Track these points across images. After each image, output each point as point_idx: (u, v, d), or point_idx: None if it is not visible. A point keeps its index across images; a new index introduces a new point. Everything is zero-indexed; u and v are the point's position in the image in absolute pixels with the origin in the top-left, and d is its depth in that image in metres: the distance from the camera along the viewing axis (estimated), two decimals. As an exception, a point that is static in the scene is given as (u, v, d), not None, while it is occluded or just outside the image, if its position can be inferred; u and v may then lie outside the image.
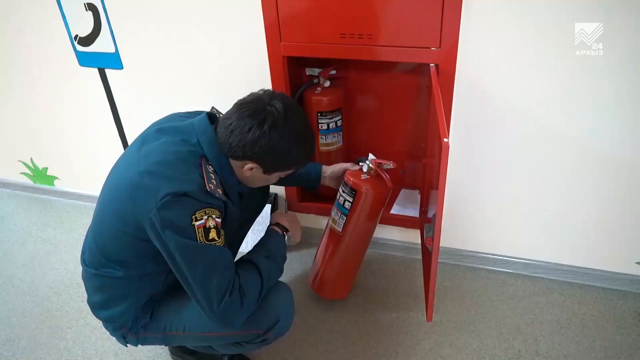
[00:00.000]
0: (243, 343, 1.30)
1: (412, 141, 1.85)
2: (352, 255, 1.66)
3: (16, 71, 2.16)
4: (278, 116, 1.12)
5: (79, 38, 1.92)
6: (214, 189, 1.11)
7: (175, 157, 1.12)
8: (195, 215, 1.06)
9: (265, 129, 1.11)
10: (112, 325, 1.30)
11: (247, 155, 1.14)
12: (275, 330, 1.27)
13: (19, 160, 2.54)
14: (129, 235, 1.15)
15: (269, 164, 1.18)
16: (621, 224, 1.62)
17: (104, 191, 1.23)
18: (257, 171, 1.20)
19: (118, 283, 1.24)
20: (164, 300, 1.32)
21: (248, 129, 1.11)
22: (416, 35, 1.42)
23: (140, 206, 1.08)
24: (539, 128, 1.51)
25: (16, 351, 1.72)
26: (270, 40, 1.59)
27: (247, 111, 1.13)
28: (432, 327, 1.67)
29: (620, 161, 1.50)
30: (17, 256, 2.20)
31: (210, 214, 1.09)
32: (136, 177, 1.10)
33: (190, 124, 1.19)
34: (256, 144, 1.12)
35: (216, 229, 1.10)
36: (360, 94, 1.83)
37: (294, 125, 1.15)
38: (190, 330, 1.28)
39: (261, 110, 1.12)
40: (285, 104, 1.15)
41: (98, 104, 2.09)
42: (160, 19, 1.75)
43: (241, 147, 1.13)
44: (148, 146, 1.16)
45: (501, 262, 1.86)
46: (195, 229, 1.07)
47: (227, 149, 1.16)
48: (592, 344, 1.58)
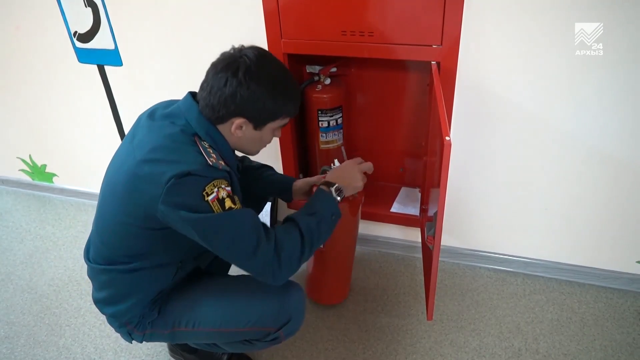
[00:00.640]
0: (253, 341, 1.30)
1: (412, 139, 1.85)
2: (341, 264, 1.68)
3: (15, 68, 2.15)
4: (251, 63, 1.10)
5: (78, 34, 1.91)
6: (215, 162, 1.09)
7: (169, 139, 1.11)
8: (205, 191, 1.05)
9: (240, 77, 1.09)
10: (117, 321, 1.29)
11: (230, 111, 1.12)
12: (286, 329, 1.27)
13: (18, 157, 2.53)
14: (137, 227, 1.14)
15: (255, 115, 1.15)
16: (621, 223, 1.62)
17: (104, 187, 1.22)
18: (248, 128, 1.17)
19: (126, 278, 1.22)
20: (173, 296, 1.31)
21: (224, 82, 1.10)
22: (417, 33, 1.42)
23: (146, 196, 1.07)
24: (539, 127, 1.51)
25: (15, 348, 1.71)
26: (271, 37, 1.58)
27: (220, 66, 1.12)
28: (432, 326, 1.67)
29: (620, 160, 1.50)
30: (15, 253, 2.19)
31: (219, 185, 1.07)
32: (134, 168, 1.09)
33: (176, 107, 1.18)
34: (235, 95, 1.10)
35: (230, 197, 1.08)
36: (361, 92, 1.83)
37: (269, 70, 1.13)
38: (200, 326, 1.27)
39: (233, 61, 1.11)
40: (257, 51, 1.13)
41: (97, 100, 2.08)
42: (160, 16, 1.74)
43: (222, 103, 1.11)
44: (139, 136, 1.15)
45: (501, 260, 1.86)
46: (209, 203, 1.05)
47: (211, 113, 1.14)
48: (592, 342, 1.58)
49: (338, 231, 1.53)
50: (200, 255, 1.34)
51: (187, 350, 1.57)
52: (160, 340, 1.38)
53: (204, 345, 1.43)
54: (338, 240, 1.58)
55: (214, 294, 1.31)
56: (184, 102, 1.18)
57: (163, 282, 1.28)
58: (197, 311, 1.27)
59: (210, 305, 1.28)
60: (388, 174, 1.98)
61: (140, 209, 1.10)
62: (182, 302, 1.30)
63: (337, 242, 1.58)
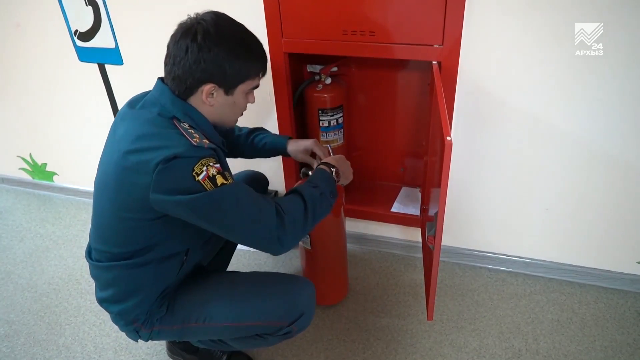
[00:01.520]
0: (265, 335, 1.29)
1: (413, 139, 1.85)
2: (332, 265, 1.68)
3: (16, 66, 2.15)
4: (208, 25, 1.08)
5: (79, 33, 1.91)
6: (199, 141, 1.08)
7: (150, 126, 1.10)
8: (194, 171, 1.04)
9: (200, 41, 1.07)
10: (123, 319, 1.27)
11: (196, 78, 1.10)
12: (298, 323, 1.27)
13: (18, 156, 2.53)
14: (136, 220, 1.13)
15: (223, 78, 1.12)
16: (622, 224, 1.62)
17: (97, 184, 1.21)
18: (219, 94, 1.14)
19: (132, 274, 1.21)
20: (181, 292, 1.30)
21: (185, 50, 1.08)
22: (419, 33, 1.42)
23: (137, 187, 1.06)
24: (539, 127, 1.51)
25: (15, 347, 1.71)
26: (272, 36, 1.58)
27: (178, 35, 1.10)
28: (432, 326, 1.67)
29: (621, 160, 1.50)
30: (15, 252, 2.19)
31: (206, 164, 1.06)
32: (121, 161, 1.08)
33: (150, 95, 1.18)
34: (199, 61, 1.08)
35: (220, 174, 1.07)
36: (362, 92, 1.83)
37: (229, 31, 1.11)
38: (213, 320, 1.26)
39: (190, 27, 1.10)
40: (214, 14, 1.12)
41: (98, 99, 2.08)
42: (161, 14, 1.74)
43: (187, 72, 1.09)
44: (121, 129, 1.15)
45: (502, 260, 1.86)
46: (201, 183, 1.04)
47: (179, 85, 1.12)
48: (592, 343, 1.58)
49: (324, 232, 1.54)
50: (205, 243, 1.33)
51: (188, 350, 1.57)
52: (167, 338, 1.37)
53: (209, 343, 1.42)
54: (325, 240, 1.59)
55: (225, 288, 1.31)
56: (156, 88, 1.18)
57: (169, 277, 1.26)
58: (208, 306, 1.27)
59: (222, 300, 1.27)
60: (389, 174, 1.98)
61: (134, 201, 1.09)
62: (192, 297, 1.29)
63: (324, 242, 1.59)
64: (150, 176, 1.03)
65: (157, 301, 1.26)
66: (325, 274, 1.70)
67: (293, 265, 1.96)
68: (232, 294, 1.28)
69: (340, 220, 1.60)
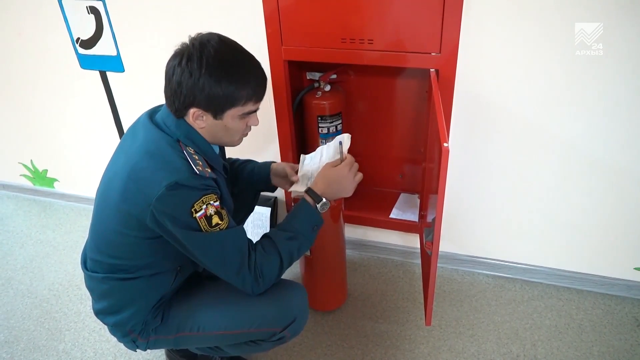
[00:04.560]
0: (259, 342, 1.30)
1: (411, 146, 1.86)
2: (330, 270, 1.69)
3: (17, 73, 2.16)
4: (193, 49, 1.06)
5: (81, 41, 1.93)
6: (202, 169, 1.09)
7: (155, 146, 1.11)
8: (194, 207, 1.06)
9: (183, 64, 1.06)
10: (120, 330, 1.28)
11: (181, 102, 1.09)
12: (291, 329, 1.28)
13: (19, 162, 2.54)
14: (133, 237, 1.15)
15: (206, 103, 1.08)
16: (619, 230, 1.63)
17: (99, 196, 1.23)
18: (208, 118, 1.12)
19: (127, 286, 1.23)
20: (176, 301, 1.31)
21: (172, 72, 1.08)
22: (416, 41, 1.43)
23: (137, 207, 1.09)
24: (538, 133, 1.52)
25: (15, 353, 1.72)
26: (272, 44, 1.59)
27: (171, 57, 1.11)
28: (431, 332, 1.67)
29: (619, 166, 1.51)
30: (16, 258, 2.20)
31: (207, 202, 1.08)
32: (126, 178, 1.10)
33: (162, 111, 1.18)
34: (181, 84, 1.06)
35: (217, 214, 1.10)
36: (361, 99, 1.84)
37: (214, 55, 1.06)
38: (206, 329, 1.27)
39: (180, 50, 1.09)
40: (205, 37, 1.09)
41: (99, 106, 2.09)
42: (162, 22, 1.76)
43: (174, 94, 1.09)
44: (135, 139, 1.16)
45: (500, 266, 1.87)
46: (197, 220, 1.07)
47: (170, 106, 1.13)
48: (589, 349, 1.58)
49: (323, 238, 1.54)
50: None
51: (186, 357, 1.57)
52: (164, 347, 1.38)
53: (207, 350, 1.43)
54: (324, 247, 1.60)
55: (218, 296, 1.31)
56: (163, 110, 1.19)
57: (163, 288, 1.28)
58: (201, 315, 1.28)
59: (215, 308, 1.28)
60: (387, 180, 1.99)
61: (133, 219, 1.12)
62: (186, 307, 1.30)
63: (323, 249, 1.60)
64: (151, 199, 1.05)
65: (152, 311, 1.28)
66: (324, 280, 1.71)
67: (291, 271, 1.96)
68: (224, 302, 1.29)
69: (339, 226, 1.61)
